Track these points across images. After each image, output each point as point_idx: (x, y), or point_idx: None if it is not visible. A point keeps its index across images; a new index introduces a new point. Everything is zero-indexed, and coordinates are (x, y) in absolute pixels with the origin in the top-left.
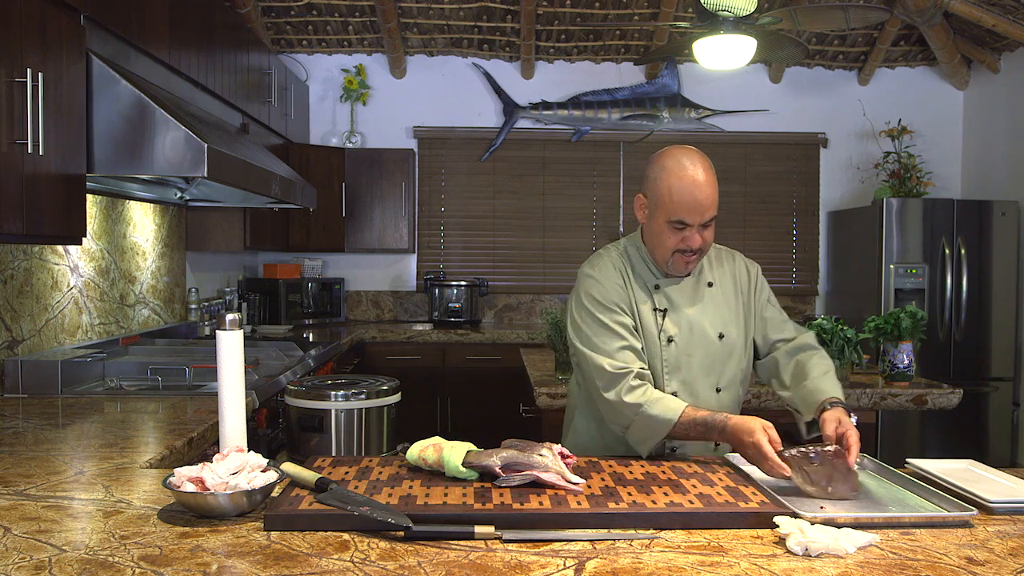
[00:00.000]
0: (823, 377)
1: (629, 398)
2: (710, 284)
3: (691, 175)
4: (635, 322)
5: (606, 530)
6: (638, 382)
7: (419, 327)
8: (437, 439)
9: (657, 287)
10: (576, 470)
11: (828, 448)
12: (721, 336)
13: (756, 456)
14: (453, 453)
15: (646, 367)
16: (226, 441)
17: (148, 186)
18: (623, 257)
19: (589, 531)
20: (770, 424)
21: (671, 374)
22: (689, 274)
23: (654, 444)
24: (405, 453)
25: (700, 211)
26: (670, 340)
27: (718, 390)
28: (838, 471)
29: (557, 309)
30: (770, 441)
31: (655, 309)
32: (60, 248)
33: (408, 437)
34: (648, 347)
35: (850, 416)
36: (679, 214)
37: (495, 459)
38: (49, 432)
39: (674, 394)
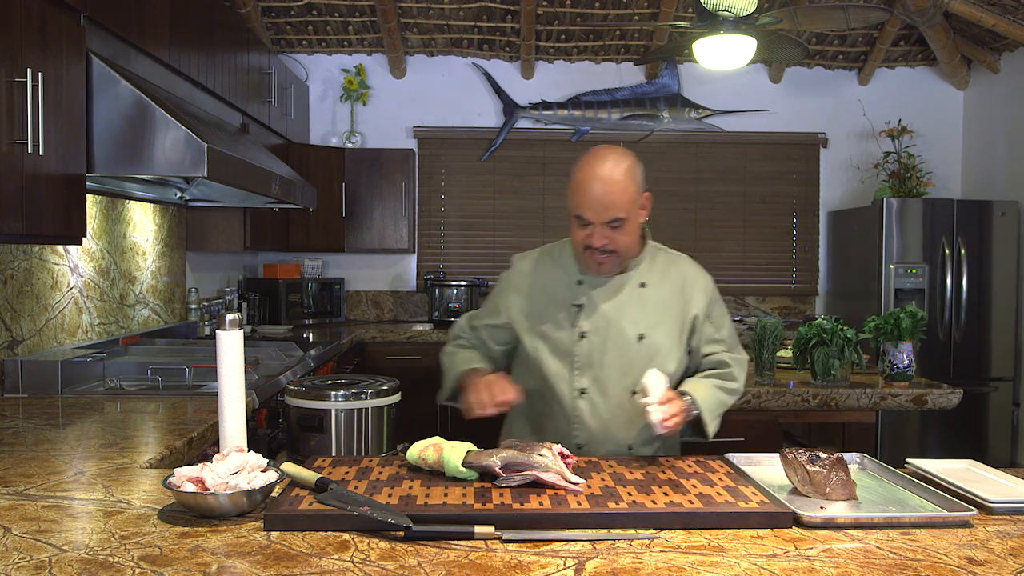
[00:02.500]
0: (700, 380)
1: (447, 347)
2: (643, 285)
3: (596, 172)
4: (530, 318)
5: (606, 530)
6: (462, 343)
7: (419, 327)
8: (437, 439)
9: (580, 282)
10: (576, 470)
11: (831, 455)
12: (641, 337)
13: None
14: (453, 453)
15: (482, 350)
16: (226, 441)
17: (148, 186)
18: (555, 253)
19: (589, 531)
20: (496, 382)
21: (582, 370)
22: (610, 275)
23: (448, 388)
24: (405, 453)
25: (599, 208)
26: (582, 336)
27: (633, 392)
28: (838, 477)
29: None
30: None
31: (574, 304)
32: (60, 248)
33: (408, 437)
34: (562, 342)
35: (690, 412)
36: (578, 209)
37: (495, 459)
38: (49, 432)
39: (583, 391)
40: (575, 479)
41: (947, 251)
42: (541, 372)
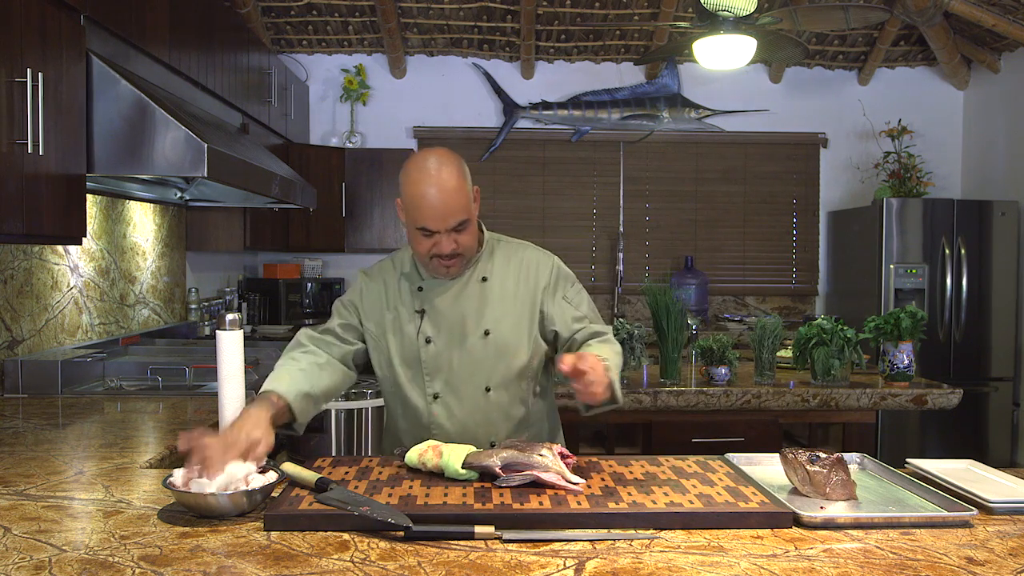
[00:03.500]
0: (599, 345)
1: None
2: (484, 279)
3: (431, 181)
4: (380, 328)
5: (606, 530)
6: (299, 352)
7: None
8: (435, 442)
9: (420, 288)
10: (576, 470)
11: (831, 455)
12: (487, 333)
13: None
14: (452, 456)
15: (330, 344)
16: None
17: (148, 186)
18: (397, 262)
19: (589, 531)
20: (257, 441)
21: (432, 375)
22: (454, 277)
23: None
24: (403, 458)
25: (443, 218)
26: (428, 341)
27: (487, 389)
28: (838, 477)
29: None
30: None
31: (416, 311)
32: (60, 248)
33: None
34: (409, 349)
35: (612, 378)
36: (420, 222)
37: (495, 459)
38: (49, 432)
39: (436, 396)
40: (575, 479)
41: (947, 251)
42: (395, 382)
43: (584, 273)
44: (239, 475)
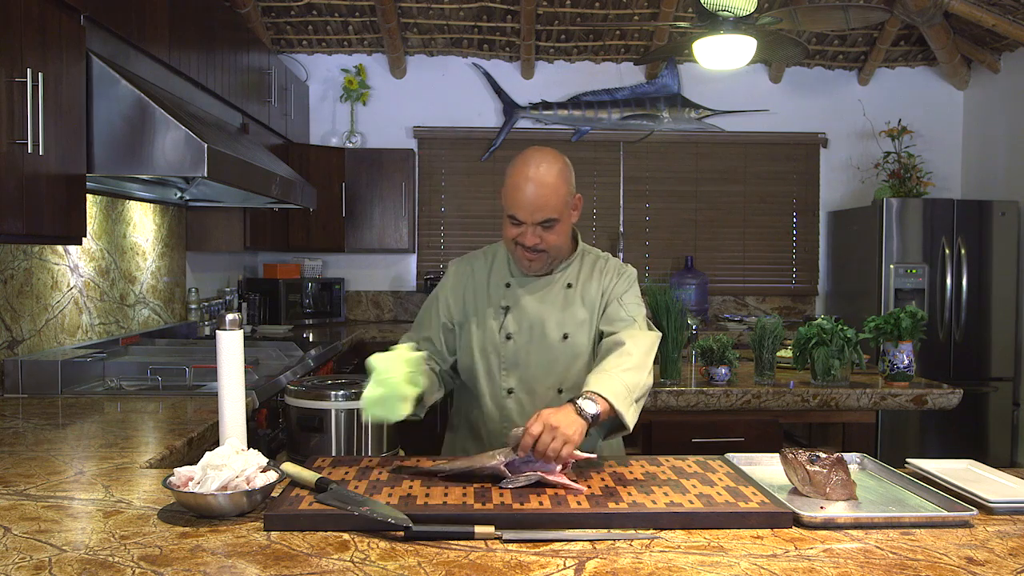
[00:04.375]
0: (596, 370)
1: None
2: (569, 286)
3: (527, 173)
4: (464, 319)
5: (606, 530)
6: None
7: None
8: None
9: (508, 285)
10: (576, 470)
11: (831, 455)
12: (565, 337)
13: None
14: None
15: (430, 357)
16: (226, 441)
17: (148, 186)
18: (488, 255)
19: (589, 531)
20: None
21: (509, 371)
22: (542, 274)
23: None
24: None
25: (529, 208)
26: (508, 337)
27: (560, 391)
28: (838, 477)
29: None
30: None
31: (501, 306)
32: (60, 248)
33: (408, 436)
34: (489, 343)
35: (587, 413)
36: (511, 209)
37: (500, 459)
38: (49, 432)
39: (510, 391)
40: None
41: (947, 251)
42: (472, 373)
43: None
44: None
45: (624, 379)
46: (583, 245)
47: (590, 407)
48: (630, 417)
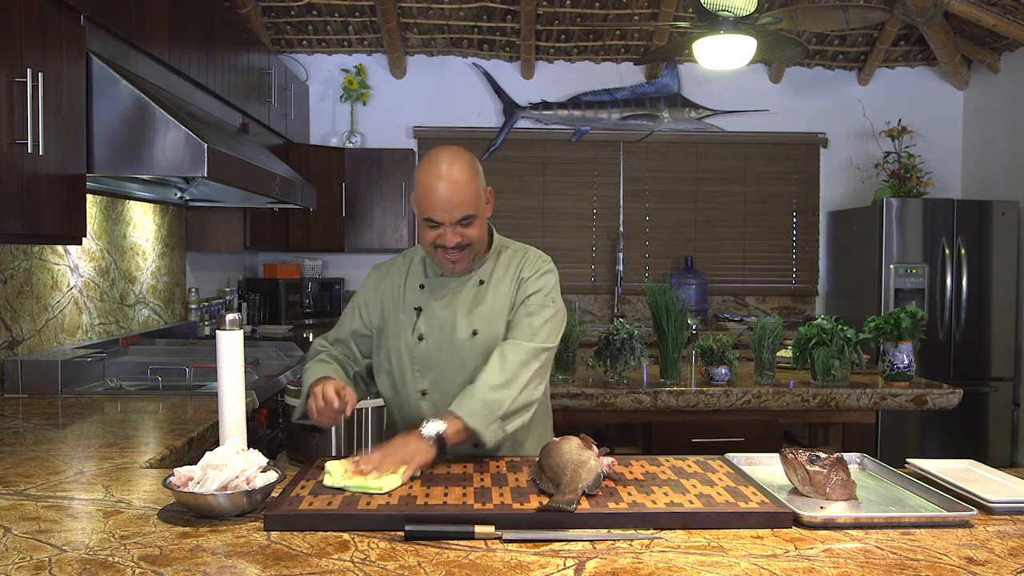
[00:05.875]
0: (467, 390)
1: (307, 363)
2: (481, 282)
3: (438, 172)
4: (382, 323)
5: (606, 530)
6: (323, 357)
7: None
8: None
9: (422, 286)
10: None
11: (831, 455)
12: (474, 334)
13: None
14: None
15: (345, 358)
16: (226, 441)
17: (148, 186)
18: (407, 258)
19: (589, 531)
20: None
21: (422, 372)
22: (463, 274)
23: (300, 406)
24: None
25: (445, 208)
26: (420, 338)
27: None
28: (838, 477)
29: None
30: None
31: (414, 308)
32: (60, 248)
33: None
34: (402, 345)
35: (428, 434)
36: (427, 212)
37: (580, 489)
38: (49, 432)
39: (424, 392)
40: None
41: (947, 251)
42: (389, 376)
43: (584, 273)
44: (243, 473)
45: (486, 396)
46: (499, 240)
47: (431, 429)
48: (490, 435)
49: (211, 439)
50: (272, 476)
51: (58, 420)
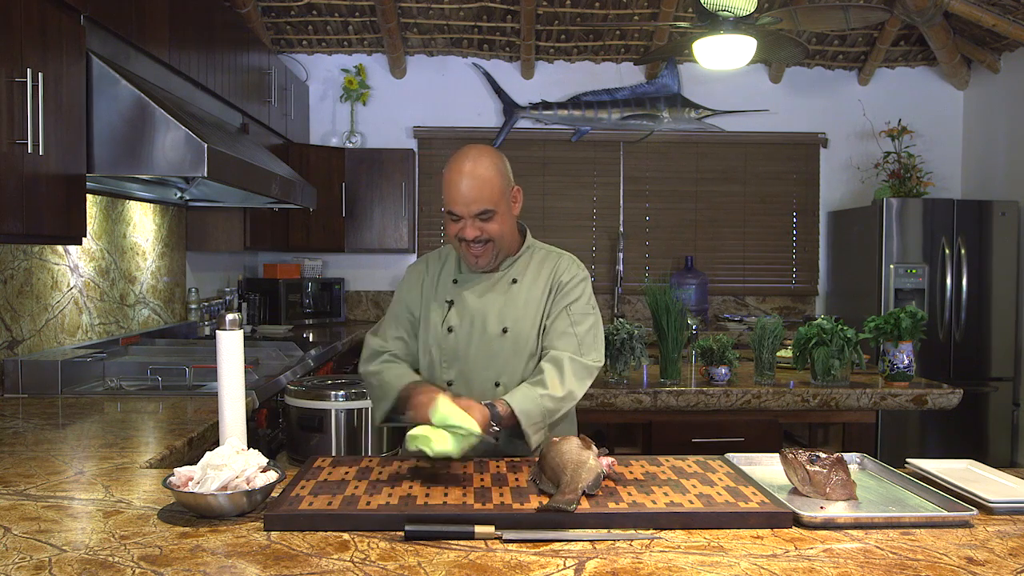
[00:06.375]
0: (524, 391)
1: (372, 367)
2: (514, 281)
3: (461, 167)
4: (418, 317)
5: (606, 530)
6: (389, 357)
7: None
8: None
9: (456, 281)
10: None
11: (831, 455)
12: (505, 330)
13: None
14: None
15: (408, 357)
16: (226, 441)
17: (148, 186)
18: (443, 255)
19: (589, 531)
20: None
21: (448, 363)
22: (489, 270)
23: (385, 408)
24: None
25: (464, 201)
26: (450, 330)
27: (496, 384)
28: (838, 477)
29: None
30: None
31: (446, 300)
32: (60, 248)
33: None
34: (432, 336)
35: (494, 411)
36: (449, 205)
37: (580, 489)
38: (49, 432)
39: (450, 383)
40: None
41: (947, 251)
42: (424, 364)
43: None
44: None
45: (545, 405)
46: (531, 240)
47: (491, 406)
48: (536, 440)
49: (211, 439)
50: (272, 476)
51: (58, 420)
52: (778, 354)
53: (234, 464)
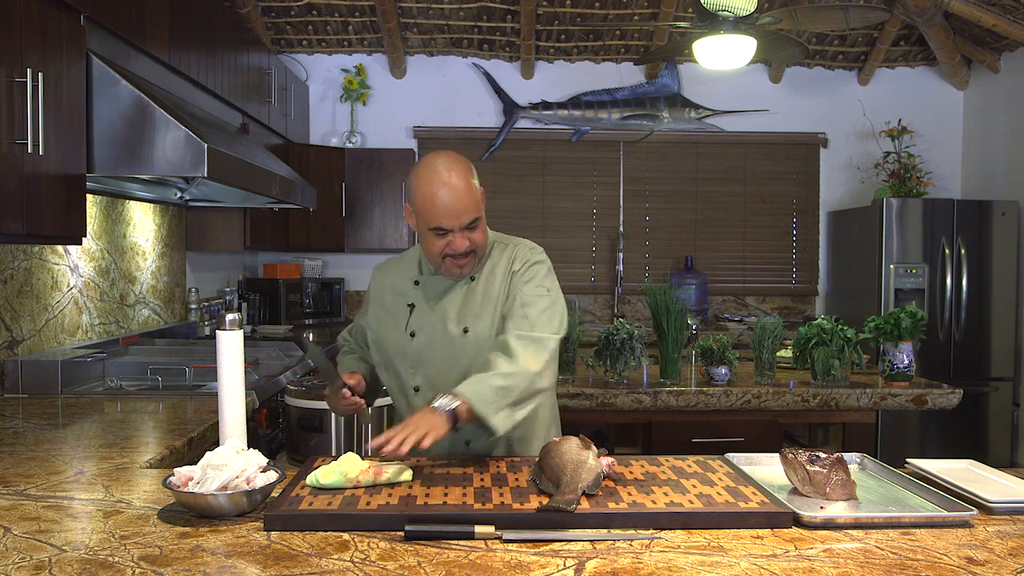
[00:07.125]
0: (475, 377)
1: (339, 355)
2: (472, 279)
3: (441, 180)
4: (382, 318)
5: (606, 530)
6: (347, 348)
7: None
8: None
9: (416, 283)
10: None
11: (831, 455)
12: (466, 330)
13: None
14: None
15: (363, 350)
16: (226, 441)
17: (148, 186)
18: (405, 258)
19: (589, 531)
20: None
21: (415, 368)
22: (466, 276)
23: (328, 366)
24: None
25: (453, 214)
26: (412, 335)
27: None
28: (838, 477)
29: None
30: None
31: (407, 304)
32: (60, 248)
33: None
34: (397, 342)
35: (441, 408)
36: (434, 221)
37: (580, 489)
38: (49, 432)
39: (417, 388)
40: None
41: (947, 251)
42: (384, 373)
43: (584, 273)
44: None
45: (496, 383)
46: (492, 235)
47: (444, 403)
48: (499, 421)
49: (211, 439)
50: (272, 476)
51: (58, 420)
52: (778, 354)
53: (234, 464)
